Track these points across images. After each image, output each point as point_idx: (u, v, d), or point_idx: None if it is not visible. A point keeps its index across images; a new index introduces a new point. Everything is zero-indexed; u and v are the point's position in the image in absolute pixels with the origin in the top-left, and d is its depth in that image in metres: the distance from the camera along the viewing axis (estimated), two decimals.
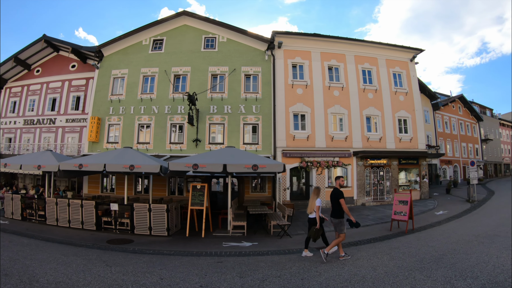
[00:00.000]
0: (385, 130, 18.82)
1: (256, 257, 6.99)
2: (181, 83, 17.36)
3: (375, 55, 19.49)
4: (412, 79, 20.29)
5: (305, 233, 9.53)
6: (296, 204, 15.76)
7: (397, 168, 18.91)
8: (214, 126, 16.56)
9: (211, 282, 5.10)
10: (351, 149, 17.71)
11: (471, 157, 37.76)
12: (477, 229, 9.78)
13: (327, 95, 17.87)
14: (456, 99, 37.38)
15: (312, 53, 18.20)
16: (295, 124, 17.16)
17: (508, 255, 6.44)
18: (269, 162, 10.14)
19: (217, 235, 9.74)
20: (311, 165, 16.61)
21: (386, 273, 5.55)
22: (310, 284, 4.97)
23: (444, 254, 6.81)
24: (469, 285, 4.83)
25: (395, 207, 10.42)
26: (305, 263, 6.30)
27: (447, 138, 33.97)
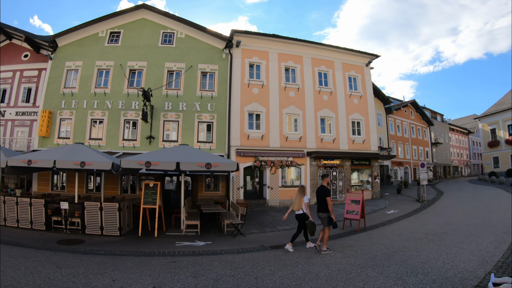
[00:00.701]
0: (339, 131, 20.34)
1: (209, 256, 7.19)
2: (137, 78, 17.62)
3: (332, 58, 20.95)
4: (367, 83, 21.98)
5: (259, 232, 10.50)
6: (250, 203, 16.57)
7: (349, 169, 20.50)
8: (168, 124, 16.99)
9: (165, 282, 5.17)
10: (305, 149, 19.00)
11: (421, 159, 41.19)
12: (426, 227, 10.47)
13: (282, 95, 19.04)
14: (408, 104, 40.76)
15: (270, 54, 19.27)
16: (250, 124, 18.12)
17: (457, 252, 6.97)
18: (222, 160, 10.66)
19: (171, 235, 9.92)
20: (265, 164, 17.71)
21: (339, 270, 5.86)
22: (264, 283, 5.15)
23: (395, 251, 7.27)
24: (420, 281, 5.16)
25: (347, 206, 11.12)
26: (259, 261, 6.54)
27: (399, 141, 36.98)
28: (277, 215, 14.31)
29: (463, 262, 6.14)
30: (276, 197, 17.66)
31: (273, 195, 17.67)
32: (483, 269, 5.68)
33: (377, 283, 5.10)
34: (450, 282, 5.07)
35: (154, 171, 11.73)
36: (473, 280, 5.13)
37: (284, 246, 7.68)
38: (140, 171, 11.86)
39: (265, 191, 17.89)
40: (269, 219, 13.27)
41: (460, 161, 61.77)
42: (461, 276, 5.37)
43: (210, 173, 14.67)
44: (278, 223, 12.22)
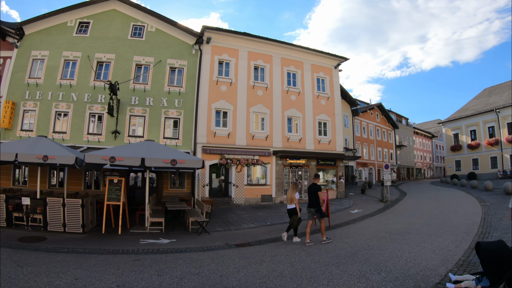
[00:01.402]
0: (305, 132, 21.80)
1: (174, 254, 7.43)
2: (104, 71, 17.81)
3: (301, 59, 22.34)
4: (335, 85, 23.62)
5: (224, 230, 11.06)
6: (215, 200, 17.36)
7: (315, 168, 22.03)
8: (134, 119, 17.43)
9: (128, 281, 5.27)
10: (271, 148, 20.25)
11: (385, 161, 44.71)
12: (390, 226, 11.12)
13: (251, 94, 20.16)
14: (375, 107, 44.26)
15: (240, 52, 20.27)
16: (217, 121, 19.03)
17: (419, 251, 7.47)
18: (188, 157, 11.02)
19: (135, 232, 10.13)
20: (230, 162, 18.75)
21: (303, 268, 6.17)
22: (228, 281, 5.37)
23: (359, 249, 7.74)
24: (383, 278, 5.49)
25: None
26: (223, 259, 6.86)
27: (364, 142, 40.00)
28: (242, 213, 15.14)
29: (425, 260, 6.63)
30: (241, 195, 18.78)
31: (239, 193, 18.76)
32: (444, 267, 6.14)
33: (341, 280, 5.43)
34: (412, 280, 5.46)
35: (118, 167, 11.79)
36: (434, 278, 5.53)
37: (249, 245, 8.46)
38: (104, 166, 12.11)
39: (230, 189, 18.95)
40: (234, 217, 14.01)
41: (424, 164, 67.51)
42: (423, 273, 5.77)
43: (175, 170, 15.12)
44: (243, 221, 12.96)
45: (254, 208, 17.35)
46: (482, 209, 14.35)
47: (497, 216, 12.13)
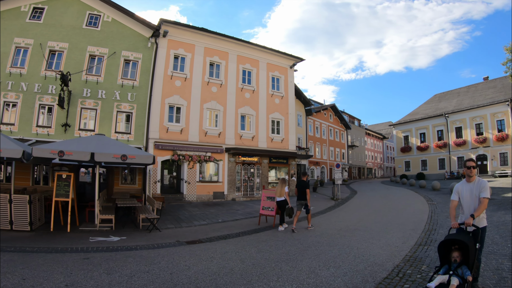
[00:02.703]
0: (258, 130, 24.51)
1: (124, 252, 7.83)
2: (56, 61, 18.48)
3: (257, 57, 25.00)
4: (289, 84, 26.57)
5: (175, 227, 11.80)
6: (167, 197, 18.75)
7: (267, 166, 24.84)
8: (86, 111, 18.49)
9: (77, 280, 5.53)
10: (223, 145, 22.60)
11: (337, 160, 50.83)
12: (340, 223, 12.37)
13: (205, 90, 22.31)
14: (328, 107, 50.05)
15: (196, 47, 22.32)
16: (170, 117, 20.85)
17: (367, 247, 8.26)
18: (139, 152, 11.82)
19: (84, 230, 10.52)
20: (183, 159, 20.74)
21: (253, 265, 6.71)
22: (179, 278, 5.76)
23: (309, 246, 8.52)
24: (332, 274, 6.06)
25: (263, 203, 12.87)
26: (174, 257, 7.36)
27: (317, 142, 45.21)
28: (194, 210, 16.47)
29: (373, 256, 7.34)
30: (193, 191, 20.95)
31: (191, 189, 20.88)
32: (391, 262, 6.86)
33: (291, 276, 5.94)
34: (360, 275, 6.03)
35: (68, 161, 12.04)
36: (382, 273, 6.14)
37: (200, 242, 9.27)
38: (53, 161, 12.35)
39: (182, 186, 21.02)
40: (185, 214, 15.14)
41: (374, 163, 77.56)
42: (371, 269, 6.40)
43: (126, 165, 15.76)
44: (195, 218, 14.00)
45: (206, 205, 19.25)
46: (429, 207, 16.23)
47: (444, 214, 13.82)
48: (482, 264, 5.86)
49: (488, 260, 6.51)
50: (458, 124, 45.51)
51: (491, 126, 41.57)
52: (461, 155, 44.44)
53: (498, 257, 6.75)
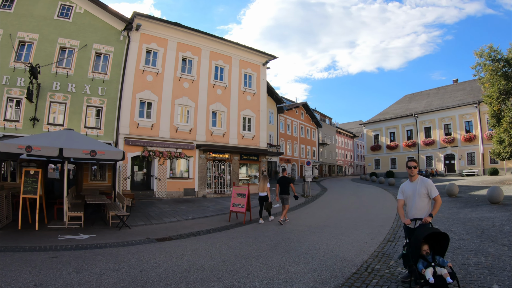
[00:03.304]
0: (230, 126, 25.73)
1: (93, 250, 8.09)
2: (26, 52, 18.54)
3: (230, 54, 26.19)
4: (262, 82, 27.92)
5: (145, 224, 12.27)
6: (137, 194, 19.38)
7: (238, 163, 26.15)
8: (55, 105, 18.66)
9: (46, 279, 5.66)
10: (194, 141, 23.63)
11: (308, 157, 53.86)
12: (309, 220, 13.10)
13: (176, 86, 23.21)
14: (300, 105, 52.80)
15: (169, 42, 23.15)
16: (141, 112, 21.56)
17: (337, 243, 8.78)
18: (108, 148, 12.13)
19: (53, 227, 10.71)
20: (153, 155, 21.58)
21: (224, 261, 7.09)
22: (149, 276, 6.00)
23: (279, 242, 9.01)
24: (302, 270, 6.41)
25: (233, 199, 13.56)
26: (144, 254, 7.67)
27: (288, 139, 47.74)
28: (164, 207, 17.16)
29: (342, 252, 7.84)
30: (164, 188, 21.87)
31: (161, 186, 21.79)
32: (360, 258, 7.32)
33: (261, 273, 6.27)
34: (330, 270, 6.41)
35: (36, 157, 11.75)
36: (351, 268, 6.56)
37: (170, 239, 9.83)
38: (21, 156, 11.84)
39: (153, 182, 21.88)
40: (156, 211, 15.71)
41: (345, 161, 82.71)
42: (340, 264, 6.83)
43: (95, 161, 15.34)
44: (165, 215, 14.55)
45: (176, 201, 20.07)
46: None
47: None
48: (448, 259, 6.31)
49: (455, 256, 7.04)
50: (427, 125, 49.21)
51: (459, 127, 45.27)
52: (429, 154, 48.45)
53: (465, 252, 7.28)
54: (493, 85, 25.73)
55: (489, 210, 12.94)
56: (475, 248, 7.60)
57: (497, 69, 25.46)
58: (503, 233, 8.71)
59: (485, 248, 7.46)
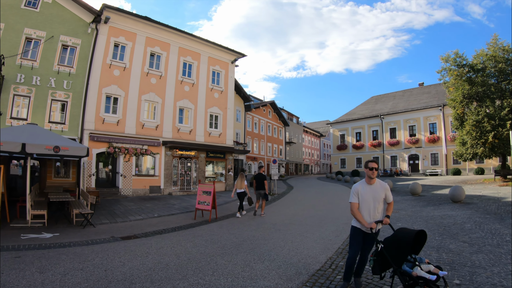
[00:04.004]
0: (196, 123, 26.93)
1: (57, 249, 8.16)
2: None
3: (199, 51, 27.37)
4: (230, 79, 29.32)
5: (110, 222, 12.52)
6: (102, 191, 19.85)
7: (204, 160, 27.40)
8: (19, 99, 18.80)
9: (9, 280, 5.73)
10: (161, 138, 24.58)
11: (275, 156, 56.32)
12: (275, 218, 13.67)
13: (144, 81, 24.04)
14: (268, 104, 55.16)
15: (138, 36, 23.93)
16: (107, 107, 22.18)
17: (302, 240, 9.25)
18: (72, 144, 12.30)
19: (15, 226, 10.78)
20: (119, 151, 22.28)
21: (189, 259, 7.33)
22: (113, 275, 6.15)
23: (244, 240, 9.36)
24: (267, 267, 6.75)
25: (199, 197, 14.04)
26: (108, 253, 7.85)
27: (255, 137, 49.85)
28: (130, 205, 17.58)
29: (306, 249, 8.22)
30: (129, 186, 22.69)
31: (126, 183, 22.60)
32: (324, 255, 7.72)
33: (226, 270, 6.55)
34: (294, 267, 6.73)
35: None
36: (315, 265, 6.90)
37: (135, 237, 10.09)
38: None
39: (118, 179, 22.58)
40: (121, 209, 16.09)
41: (311, 160, 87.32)
42: (305, 261, 7.19)
43: (59, 158, 15.88)
44: (130, 213, 14.89)
45: (142, 199, 20.75)
46: None
47: None
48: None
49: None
50: (392, 126, 52.88)
51: (424, 129, 49.10)
52: (394, 154, 52.16)
53: (426, 249, 7.79)
54: (457, 90, 28.56)
55: (451, 208, 14.17)
56: (437, 244, 8.24)
57: (461, 74, 28.18)
58: (464, 231, 9.52)
59: (446, 245, 8.14)
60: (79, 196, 15.12)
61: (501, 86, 27.55)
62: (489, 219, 11.16)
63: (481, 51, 28.42)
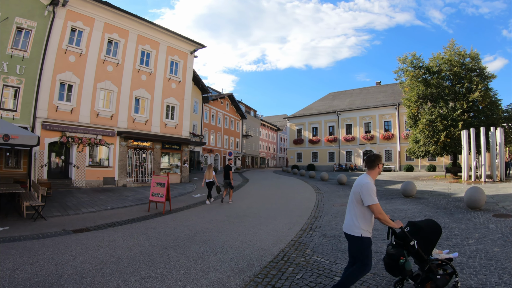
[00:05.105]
0: (153, 114, 27.95)
1: (7, 243, 8.24)
2: None
3: (159, 39, 28.35)
4: (188, 70, 30.59)
5: (62, 215, 12.75)
6: (54, 183, 20.18)
7: (160, 152, 28.52)
8: None
9: None
10: (115, 128, 25.35)
11: (232, 149, 59.59)
12: (230, 210, 14.32)
13: (100, 68, 24.58)
14: (226, 96, 58.02)
15: (96, 22, 24.37)
16: (61, 95, 22.43)
17: (255, 233, 9.73)
18: (23, 132, 12.38)
19: None
20: (72, 141, 22.66)
21: (141, 252, 7.63)
22: (64, 270, 6.30)
23: (198, 232, 9.77)
24: (219, 259, 7.10)
25: (153, 189, 14.53)
26: (60, 247, 8.02)
27: (212, 129, 52.14)
28: (83, 197, 18.11)
29: (259, 241, 8.66)
30: (82, 177, 23.31)
31: (80, 175, 23.19)
32: (277, 247, 8.18)
33: (178, 263, 6.83)
34: (246, 259, 7.10)
35: None
36: (267, 257, 7.33)
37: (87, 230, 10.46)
38: None
39: (71, 170, 23.10)
40: (73, 201, 16.48)
41: (268, 153, 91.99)
42: (257, 253, 7.59)
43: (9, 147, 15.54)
44: (83, 205, 15.31)
45: (95, 191, 21.39)
46: (316, 196, 19.28)
47: (329, 202, 16.62)
48: None
49: None
50: (348, 122, 56.89)
51: (379, 126, 53.44)
52: (349, 150, 56.26)
53: (377, 241, 8.28)
54: (413, 90, 31.52)
55: (402, 202, 15.16)
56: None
57: (417, 75, 31.10)
58: None
59: None
60: (30, 188, 15.15)
61: (455, 89, 30.74)
62: (439, 213, 12.02)
63: (437, 55, 31.51)
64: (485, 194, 12.59)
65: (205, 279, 5.96)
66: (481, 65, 29.96)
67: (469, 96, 28.74)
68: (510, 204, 13.00)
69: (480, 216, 11.07)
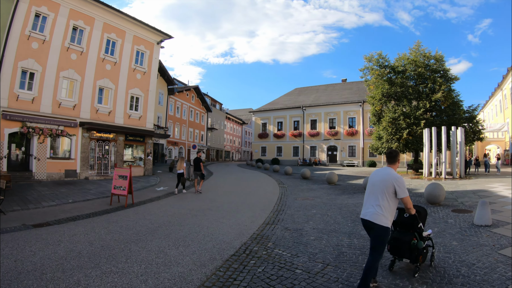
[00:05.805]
0: (116, 104, 28.25)
1: None
2: None
3: (125, 28, 28.61)
4: (154, 61, 31.03)
5: (21, 209, 12.65)
6: (14, 175, 20.06)
7: (123, 144, 28.87)
8: None
9: None
10: (78, 119, 25.45)
11: (196, 141, 61.15)
12: (192, 204, 14.62)
13: (63, 56, 24.52)
14: (192, 88, 59.48)
15: (61, 7, 24.21)
16: (22, 83, 22.17)
17: (217, 226, 10.07)
18: None
19: None
20: (33, 132, 22.56)
21: (102, 247, 7.76)
22: (23, 266, 6.36)
23: (160, 226, 10.02)
24: (181, 253, 7.33)
25: (115, 182, 14.63)
26: (19, 242, 8.08)
27: (177, 122, 53.31)
28: (44, 190, 18.09)
29: (222, 235, 8.97)
30: (43, 169, 23.32)
31: (40, 167, 23.18)
32: (239, 240, 8.49)
33: (140, 257, 7.03)
34: (208, 253, 7.38)
35: None
36: (229, 250, 7.60)
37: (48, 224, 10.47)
38: None
39: (31, 163, 22.99)
40: (34, 194, 16.44)
41: (232, 147, 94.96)
42: (219, 247, 7.89)
43: None
44: (44, 199, 15.25)
45: (57, 184, 21.39)
46: (280, 190, 19.95)
47: (292, 196, 17.26)
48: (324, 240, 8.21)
49: (330, 238, 8.53)
50: (313, 117, 59.06)
51: (343, 122, 55.79)
52: (314, 145, 58.52)
53: (339, 234, 8.80)
54: (377, 88, 33.27)
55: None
56: (348, 230, 9.27)
57: (383, 74, 32.84)
58: None
59: (358, 231, 9.11)
60: None
61: (419, 89, 32.77)
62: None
63: (403, 55, 33.37)
64: (445, 190, 13.75)
65: (166, 273, 6.16)
66: (445, 67, 32.13)
67: (432, 96, 30.78)
68: (468, 200, 14.24)
69: (439, 211, 11.94)
